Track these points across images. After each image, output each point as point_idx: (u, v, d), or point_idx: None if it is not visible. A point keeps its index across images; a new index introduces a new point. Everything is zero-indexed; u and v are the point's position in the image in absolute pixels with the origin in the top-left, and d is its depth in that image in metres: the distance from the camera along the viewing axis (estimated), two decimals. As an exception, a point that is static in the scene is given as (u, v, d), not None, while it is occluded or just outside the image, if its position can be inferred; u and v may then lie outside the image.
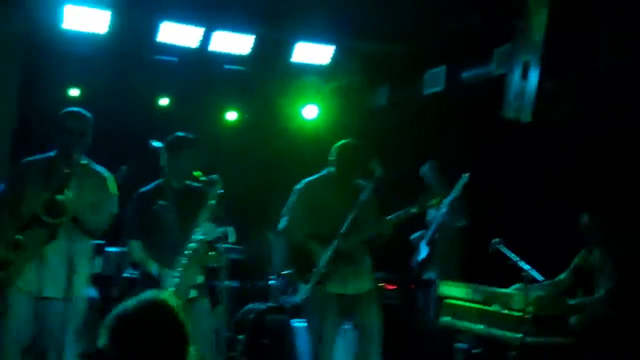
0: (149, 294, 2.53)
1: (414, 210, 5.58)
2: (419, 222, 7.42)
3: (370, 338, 5.58)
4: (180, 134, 5.33)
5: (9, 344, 4.61)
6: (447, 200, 6.99)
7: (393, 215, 5.55)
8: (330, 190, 5.67)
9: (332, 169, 5.71)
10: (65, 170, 4.52)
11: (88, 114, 4.84)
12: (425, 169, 7.50)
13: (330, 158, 5.69)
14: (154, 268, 5.04)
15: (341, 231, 5.31)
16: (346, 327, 5.95)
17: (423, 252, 7.30)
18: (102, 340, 2.41)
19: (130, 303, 2.48)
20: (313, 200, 5.66)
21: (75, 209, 4.54)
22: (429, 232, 7.29)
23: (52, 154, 4.83)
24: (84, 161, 4.69)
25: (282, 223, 5.70)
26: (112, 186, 4.97)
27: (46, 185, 4.58)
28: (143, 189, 5.33)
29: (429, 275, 7.21)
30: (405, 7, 7.68)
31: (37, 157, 4.90)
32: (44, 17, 7.59)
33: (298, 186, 5.76)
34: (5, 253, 4.51)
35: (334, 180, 5.69)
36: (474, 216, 7.23)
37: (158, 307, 2.47)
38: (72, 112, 4.80)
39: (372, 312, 5.63)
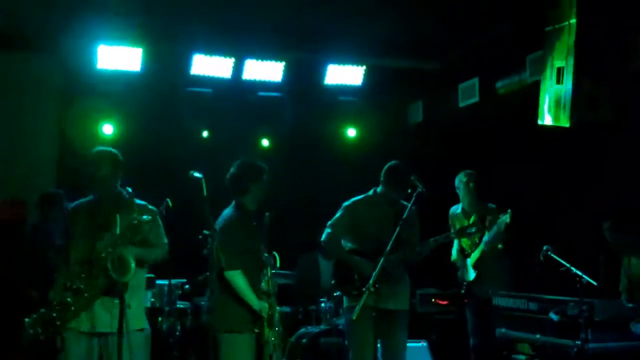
0: None
1: (453, 236, 6.17)
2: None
3: (394, 358, 5.62)
4: (256, 161, 5.43)
5: None
6: (487, 238, 6.72)
7: (433, 239, 5.68)
8: (376, 208, 5.73)
9: (379, 188, 5.77)
10: (134, 222, 4.58)
11: (115, 151, 4.89)
12: (456, 181, 7.17)
13: (381, 179, 5.75)
14: (255, 303, 5.12)
15: (386, 250, 5.32)
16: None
17: (471, 273, 7.06)
18: None
19: None
20: (357, 218, 5.73)
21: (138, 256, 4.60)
22: (472, 256, 7.02)
23: (92, 197, 4.89)
24: (127, 196, 4.72)
25: (324, 235, 5.77)
26: (158, 218, 5.02)
27: (92, 228, 4.65)
28: (234, 216, 5.31)
29: (482, 291, 6.96)
30: (432, 23, 7.69)
31: (81, 201, 4.96)
32: (79, 59, 7.76)
33: (346, 203, 5.84)
34: (62, 296, 4.56)
35: (380, 199, 5.75)
36: (518, 224, 7.05)
37: None
38: (103, 151, 4.86)
39: (400, 333, 5.65)
